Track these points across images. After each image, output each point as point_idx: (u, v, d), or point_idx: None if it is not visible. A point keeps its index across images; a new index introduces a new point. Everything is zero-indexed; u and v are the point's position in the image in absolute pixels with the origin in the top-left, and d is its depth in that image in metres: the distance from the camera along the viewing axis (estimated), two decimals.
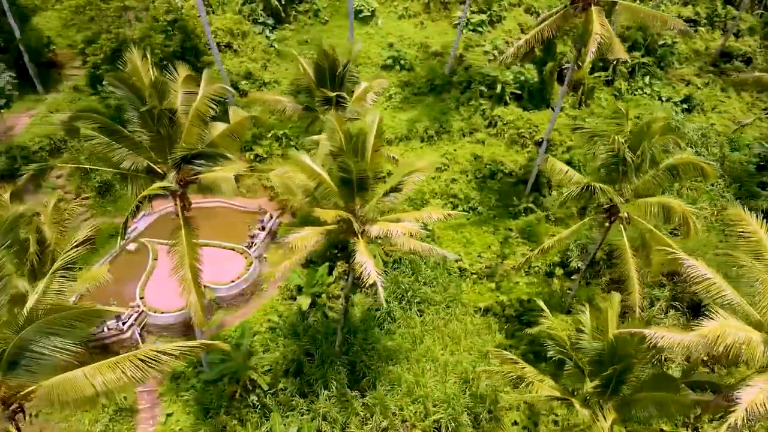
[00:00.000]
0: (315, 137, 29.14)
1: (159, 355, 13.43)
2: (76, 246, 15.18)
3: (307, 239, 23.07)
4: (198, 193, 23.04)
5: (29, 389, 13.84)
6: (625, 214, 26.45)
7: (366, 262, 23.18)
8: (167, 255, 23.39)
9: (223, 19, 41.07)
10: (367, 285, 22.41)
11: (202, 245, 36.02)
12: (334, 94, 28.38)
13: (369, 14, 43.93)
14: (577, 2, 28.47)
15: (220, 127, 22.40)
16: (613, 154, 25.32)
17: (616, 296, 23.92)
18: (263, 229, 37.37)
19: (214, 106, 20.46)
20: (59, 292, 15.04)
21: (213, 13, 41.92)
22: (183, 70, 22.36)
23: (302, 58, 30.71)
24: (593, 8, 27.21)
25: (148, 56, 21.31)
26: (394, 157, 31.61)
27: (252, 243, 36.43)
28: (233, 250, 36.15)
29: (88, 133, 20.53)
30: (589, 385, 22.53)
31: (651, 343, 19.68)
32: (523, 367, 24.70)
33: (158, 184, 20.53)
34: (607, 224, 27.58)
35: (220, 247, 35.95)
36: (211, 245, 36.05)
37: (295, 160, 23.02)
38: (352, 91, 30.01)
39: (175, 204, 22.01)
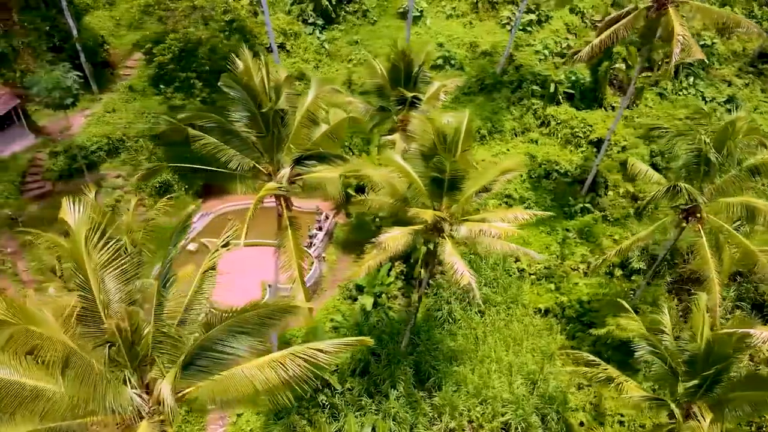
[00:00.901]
0: (389, 137, 29.12)
1: (316, 352, 13.36)
2: (222, 247, 15.10)
3: (398, 239, 23.12)
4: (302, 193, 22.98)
5: (190, 389, 13.81)
6: (704, 215, 26.38)
7: (457, 262, 23.20)
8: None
9: (276, 19, 41.08)
10: (460, 285, 22.33)
11: (263, 245, 36.66)
12: (412, 94, 28.31)
13: (418, 14, 43.88)
14: (654, 3, 28.41)
15: (321, 127, 22.38)
16: (695, 153, 25.26)
17: (704, 297, 23.82)
18: (320, 229, 37.39)
19: (325, 107, 20.38)
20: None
21: (263, 13, 41.87)
22: (282, 71, 22.34)
23: (375, 59, 30.61)
24: (670, 9, 27.12)
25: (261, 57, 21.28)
26: None
27: (311, 243, 36.45)
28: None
29: (195, 134, 20.52)
30: (682, 386, 22.45)
31: (754, 342, 19.69)
32: (606, 368, 24.64)
33: (272, 184, 20.45)
34: (684, 224, 27.49)
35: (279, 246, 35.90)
36: (271, 245, 36.15)
37: (389, 160, 23.00)
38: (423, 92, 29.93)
39: (279, 204, 22.00)
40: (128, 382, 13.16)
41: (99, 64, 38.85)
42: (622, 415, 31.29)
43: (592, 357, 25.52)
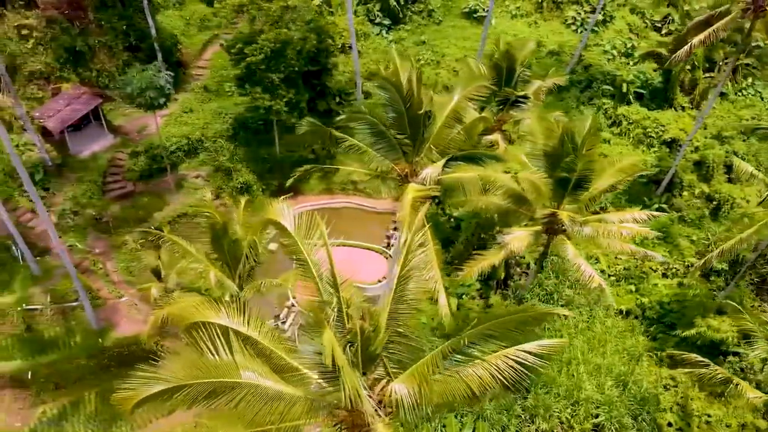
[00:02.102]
0: (489, 137, 29.04)
1: (526, 354, 13.23)
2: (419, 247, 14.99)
3: (522, 240, 23.15)
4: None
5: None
6: None
7: (583, 264, 23.25)
8: None
9: (347, 20, 40.90)
10: (591, 286, 22.34)
11: (341, 245, 36.62)
12: (522, 93, 28.22)
13: (484, 14, 43.74)
14: (749, 7, 28.35)
15: (455, 127, 22.29)
16: None
17: None
18: (396, 229, 37.36)
19: (473, 107, 20.25)
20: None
21: (332, 14, 41.86)
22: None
23: (471, 60, 30.50)
24: None
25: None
26: None
27: (389, 243, 36.44)
28: (371, 250, 36.16)
29: (340, 136, 20.53)
30: None
31: None
32: (716, 369, 24.68)
33: (414, 185, 20.28)
34: None
35: (360, 246, 35.97)
36: (350, 245, 36.25)
37: (520, 162, 22.99)
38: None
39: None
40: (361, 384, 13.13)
41: (173, 64, 38.73)
42: (709, 416, 31.28)
43: (700, 357, 25.59)
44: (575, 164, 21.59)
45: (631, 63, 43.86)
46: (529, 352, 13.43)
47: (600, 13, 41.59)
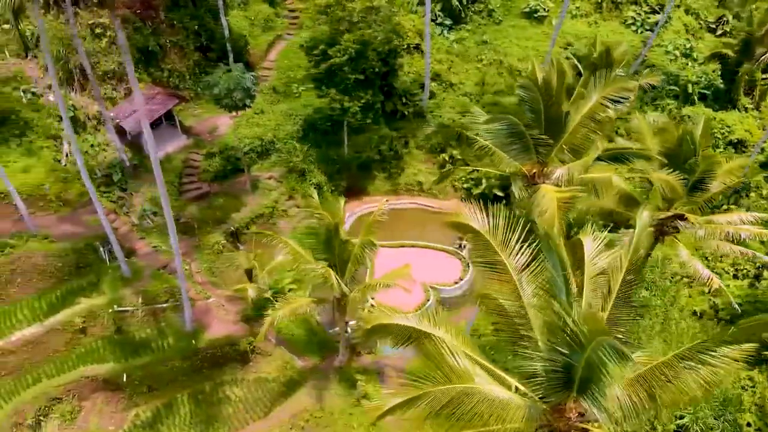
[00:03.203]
0: None
1: None
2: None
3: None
4: None
5: None
6: None
7: (699, 265, 23.26)
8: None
9: (409, 20, 40.91)
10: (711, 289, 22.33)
11: (413, 246, 36.56)
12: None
13: (544, 14, 43.70)
14: None
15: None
16: None
17: None
18: None
19: (610, 107, 20.20)
20: None
21: (395, 14, 41.68)
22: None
23: (564, 60, 30.43)
24: None
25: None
26: None
27: (461, 245, 36.40)
28: (444, 251, 36.10)
29: (471, 137, 20.49)
30: None
31: None
32: None
33: (550, 186, 20.15)
34: None
35: (433, 248, 35.91)
36: (423, 246, 36.21)
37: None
38: None
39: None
40: None
41: (243, 65, 38.60)
42: None
43: None
44: (697, 165, 21.56)
45: (690, 63, 43.82)
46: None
47: (667, 14, 41.54)
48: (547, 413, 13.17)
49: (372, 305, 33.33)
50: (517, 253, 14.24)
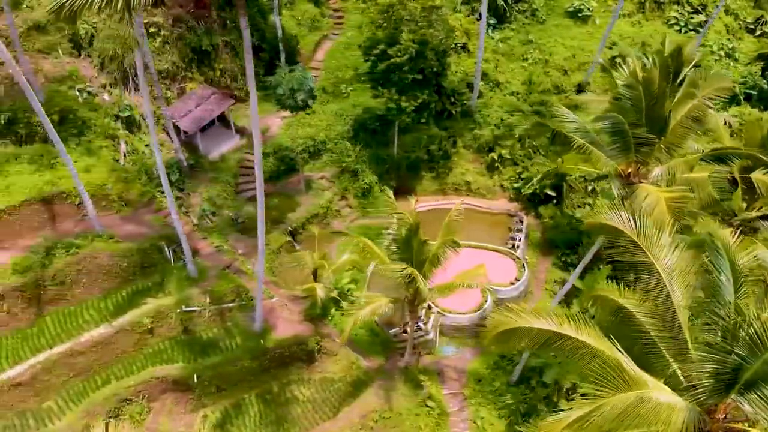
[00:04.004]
0: None
1: None
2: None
3: None
4: None
5: None
6: None
7: None
8: None
9: (455, 19, 40.78)
10: None
11: (468, 246, 36.29)
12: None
13: (588, 13, 43.63)
14: None
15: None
16: None
17: None
18: (519, 230, 37.20)
19: (711, 106, 20.02)
20: None
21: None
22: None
23: (629, 58, 30.28)
24: None
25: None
26: None
27: (514, 245, 36.27)
28: (496, 251, 35.96)
29: (570, 136, 20.40)
30: None
31: None
32: None
33: (650, 186, 19.98)
34: None
35: (486, 248, 35.76)
36: (476, 246, 36.04)
37: None
38: None
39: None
40: None
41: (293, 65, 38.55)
42: None
43: None
44: None
45: (731, 63, 43.79)
46: None
47: (715, 15, 41.53)
48: (703, 415, 12.97)
49: (430, 306, 33.29)
50: (666, 254, 13.93)
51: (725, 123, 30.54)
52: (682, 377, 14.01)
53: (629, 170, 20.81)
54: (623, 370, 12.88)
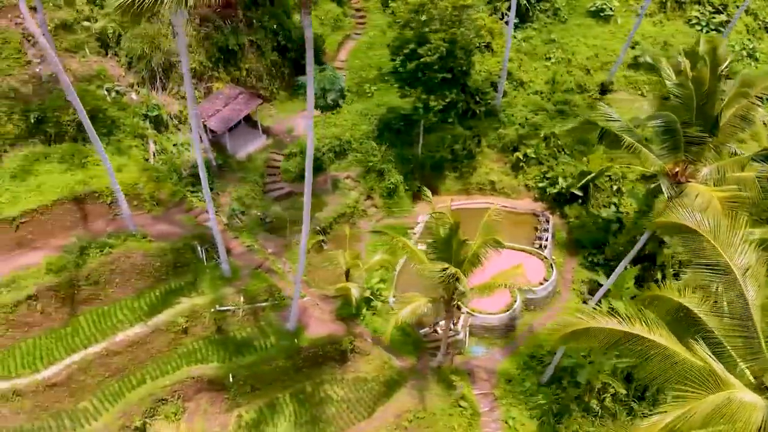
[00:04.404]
0: None
1: None
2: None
3: None
4: None
5: None
6: None
7: None
8: None
9: (480, 19, 40.68)
10: None
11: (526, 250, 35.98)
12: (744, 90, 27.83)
13: (610, 13, 43.59)
14: None
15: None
16: None
17: None
18: (546, 230, 37.12)
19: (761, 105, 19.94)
20: None
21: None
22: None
23: (666, 60, 30.22)
24: None
25: None
26: None
27: (541, 245, 36.20)
28: (524, 251, 35.87)
29: (619, 134, 20.31)
30: None
31: None
32: None
33: (702, 186, 19.87)
34: None
35: (513, 248, 35.66)
36: (506, 247, 35.87)
37: None
38: None
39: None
40: None
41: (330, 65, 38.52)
42: None
43: None
44: None
45: (753, 63, 43.78)
46: None
47: (738, 16, 41.55)
48: None
49: (459, 307, 33.21)
50: (740, 253, 13.85)
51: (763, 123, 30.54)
52: (751, 376, 13.93)
53: (677, 169, 20.72)
54: (713, 371, 12.80)
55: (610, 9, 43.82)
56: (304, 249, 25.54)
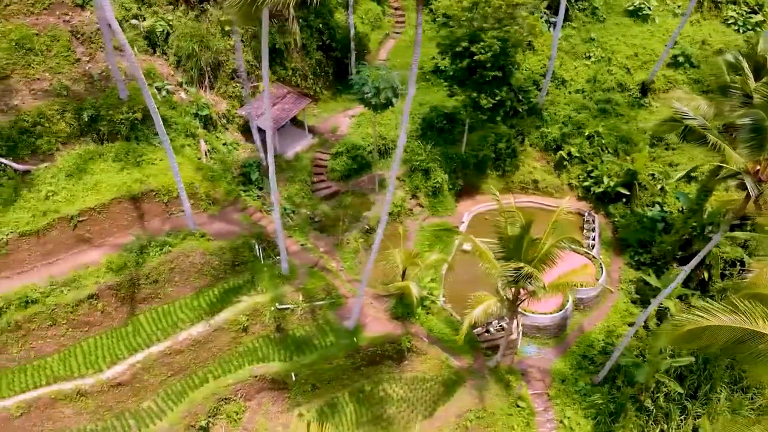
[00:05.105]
0: None
1: None
2: None
3: None
4: None
5: None
6: None
7: None
8: None
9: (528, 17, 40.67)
10: None
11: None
12: None
13: (648, 12, 43.54)
14: None
15: None
16: None
17: None
18: (594, 230, 37.04)
19: None
20: None
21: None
22: None
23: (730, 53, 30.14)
24: None
25: None
26: None
27: (588, 244, 36.11)
28: (572, 251, 35.73)
29: (702, 132, 20.23)
30: None
31: None
32: None
33: None
34: None
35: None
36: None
37: None
38: None
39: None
40: None
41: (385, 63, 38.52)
42: None
43: None
44: None
45: None
46: None
47: (759, 13, 41.58)
48: None
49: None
50: None
51: None
52: None
53: (757, 168, 20.67)
54: None
55: (648, 8, 43.77)
56: (377, 247, 25.42)
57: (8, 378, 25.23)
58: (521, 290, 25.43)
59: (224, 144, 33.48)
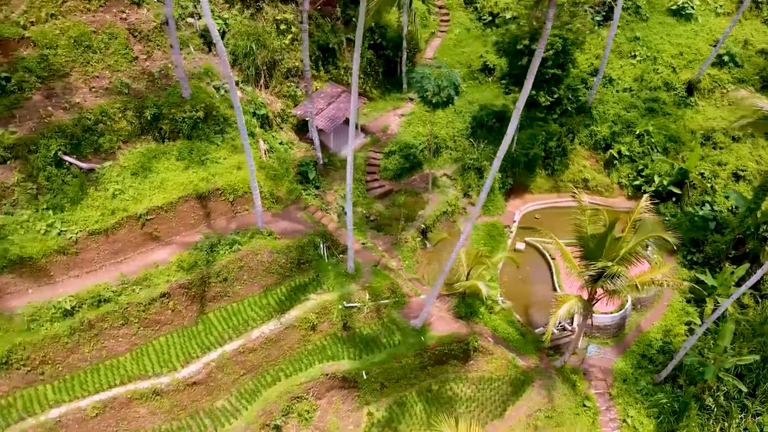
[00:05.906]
0: None
1: None
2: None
3: None
4: None
5: None
6: None
7: None
8: None
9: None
10: None
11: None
12: None
13: (691, 11, 43.51)
14: None
15: None
16: None
17: None
18: None
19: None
20: None
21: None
22: None
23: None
24: None
25: None
26: None
27: (647, 245, 35.98)
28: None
29: None
30: None
31: None
32: None
33: None
34: None
35: None
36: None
37: None
38: None
39: None
40: None
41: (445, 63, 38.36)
42: None
43: None
44: None
45: None
46: None
47: None
48: None
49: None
50: None
51: None
52: None
53: None
54: None
55: (692, 7, 43.74)
56: (460, 244, 25.38)
57: (81, 378, 25.01)
58: (597, 290, 25.38)
59: (280, 143, 33.40)
